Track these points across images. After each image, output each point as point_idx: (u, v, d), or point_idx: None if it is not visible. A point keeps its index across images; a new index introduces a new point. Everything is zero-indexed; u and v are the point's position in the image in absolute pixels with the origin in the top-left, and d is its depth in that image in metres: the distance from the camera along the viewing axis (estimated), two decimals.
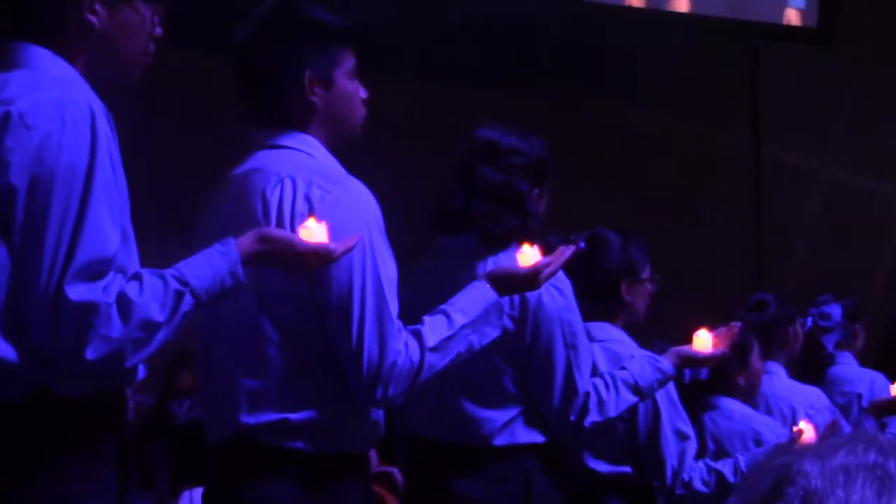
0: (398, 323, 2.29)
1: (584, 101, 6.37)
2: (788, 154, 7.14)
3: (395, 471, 3.96)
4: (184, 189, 3.55)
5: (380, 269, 2.27)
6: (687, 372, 3.60)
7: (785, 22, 6.52)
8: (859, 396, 4.65)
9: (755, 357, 3.83)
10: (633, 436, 3.27)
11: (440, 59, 5.99)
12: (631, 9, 6.31)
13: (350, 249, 2.17)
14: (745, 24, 6.54)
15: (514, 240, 2.77)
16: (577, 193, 6.01)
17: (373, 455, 3.86)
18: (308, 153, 2.36)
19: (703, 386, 3.73)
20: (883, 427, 4.05)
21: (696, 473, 3.29)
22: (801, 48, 6.91)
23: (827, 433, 3.36)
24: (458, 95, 5.82)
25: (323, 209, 2.25)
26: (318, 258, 2.14)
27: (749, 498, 0.95)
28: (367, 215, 2.30)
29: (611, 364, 3.12)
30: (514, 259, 2.58)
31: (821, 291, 4.95)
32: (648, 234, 3.43)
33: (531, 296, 2.73)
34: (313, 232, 2.16)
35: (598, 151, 6.40)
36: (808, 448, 0.95)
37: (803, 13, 6.56)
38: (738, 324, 3.07)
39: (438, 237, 2.90)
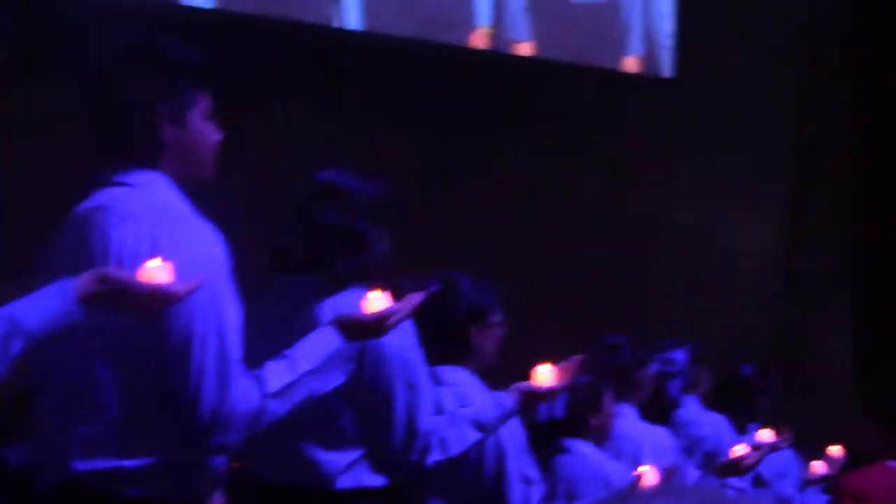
0: (240, 368, 2.26)
1: (450, 138, 6.42)
2: (644, 196, 7.30)
3: None
4: (27, 226, 3.45)
5: (223, 313, 2.24)
6: (542, 412, 3.63)
7: (624, 69, 6.70)
8: (702, 439, 4.77)
9: (607, 400, 3.89)
10: (479, 480, 3.28)
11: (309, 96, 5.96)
12: (493, 53, 6.40)
13: (192, 291, 2.13)
14: (598, 70, 6.70)
15: (355, 280, 2.77)
16: (437, 232, 6.05)
17: (220, 500, 3.78)
18: (155, 192, 2.31)
19: (556, 428, 3.77)
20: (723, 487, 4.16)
21: None
22: (654, 94, 7.09)
23: (667, 475, 3.42)
24: (323, 130, 5.79)
25: (167, 250, 2.20)
26: (158, 300, 2.10)
27: None
28: (213, 256, 2.26)
29: (458, 407, 3.13)
30: (355, 300, 2.57)
31: (673, 335, 5.07)
32: (505, 275, 3.45)
33: (373, 339, 2.72)
34: (154, 273, 2.11)
35: (461, 191, 6.44)
36: (617, 497, 0.97)
37: (643, 61, 6.74)
38: (579, 357, 3.10)
39: (278, 277, 2.88)
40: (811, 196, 8.06)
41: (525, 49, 6.43)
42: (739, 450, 4.16)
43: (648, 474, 3.29)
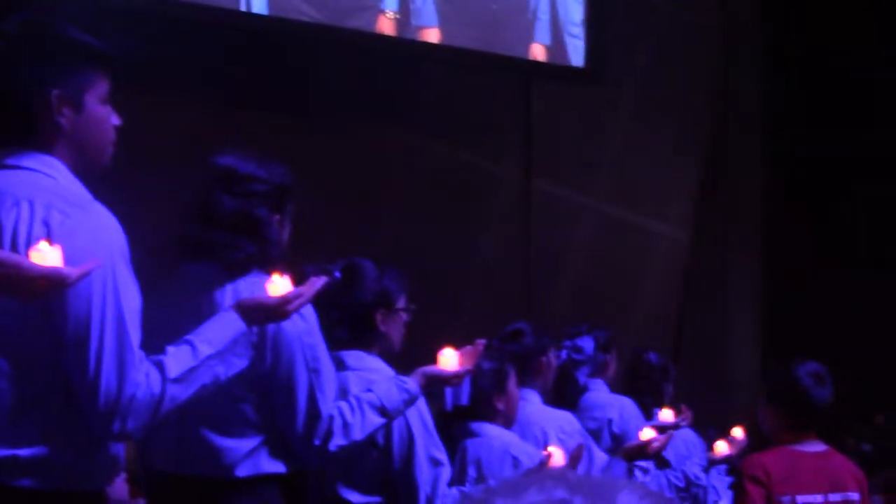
0: (139, 353, 2.23)
1: (359, 128, 6.39)
2: (558, 186, 7.35)
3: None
4: None
5: (121, 298, 2.20)
6: (448, 398, 3.65)
7: (531, 57, 6.71)
8: (609, 422, 4.83)
9: (512, 383, 3.92)
10: (388, 463, 3.28)
11: (214, 82, 5.89)
12: (404, 41, 6.38)
13: (86, 275, 2.09)
14: (515, 61, 6.72)
15: (255, 267, 2.75)
16: (348, 220, 6.02)
17: (123, 488, 3.73)
18: (50, 176, 2.27)
19: (464, 412, 3.79)
20: (631, 469, 4.21)
21: (450, 500, 3.32)
22: (569, 85, 7.13)
23: (574, 456, 3.46)
24: (230, 119, 5.72)
25: (61, 234, 2.17)
26: (49, 283, 2.06)
27: None
28: (110, 242, 2.22)
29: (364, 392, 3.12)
30: (256, 286, 2.55)
31: (587, 320, 5.12)
32: (420, 262, 3.45)
33: (274, 324, 2.69)
34: (45, 255, 2.07)
35: (370, 179, 6.42)
36: (503, 486, 0.97)
37: (549, 49, 6.77)
38: (483, 341, 3.13)
39: (180, 264, 2.84)
40: (721, 184, 8.19)
41: (432, 35, 6.42)
42: (647, 434, 4.22)
43: (556, 455, 3.32)
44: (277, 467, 2.77)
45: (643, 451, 4.20)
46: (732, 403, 7.13)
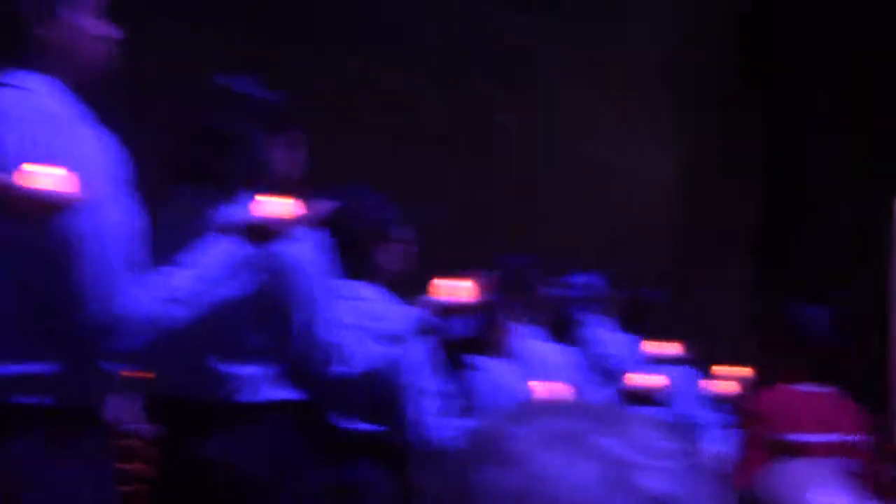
0: (134, 274, 2.19)
1: (344, 58, 6.30)
2: (540, 126, 7.28)
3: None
4: None
5: (109, 217, 2.16)
6: (450, 330, 3.62)
7: None
8: (608, 358, 4.83)
9: (508, 317, 3.90)
10: (382, 393, 3.26)
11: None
12: None
13: (80, 197, 2.05)
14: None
15: (251, 187, 2.70)
16: (336, 150, 5.96)
17: (128, 410, 3.73)
18: (41, 94, 2.22)
19: (462, 345, 3.77)
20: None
21: (446, 431, 3.31)
22: (547, 23, 7.02)
23: (574, 392, 3.45)
24: (214, 40, 5.62)
25: (53, 153, 2.12)
26: (43, 204, 2.02)
27: (458, 460, 0.94)
28: (103, 161, 2.18)
29: (365, 321, 3.10)
30: (253, 207, 2.52)
31: (578, 260, 5.09)
32: (412, 201, 3.41)
33: (273, 247, 2.65)
34: (35, 177, 2.03)
35: (354, 109, 6.35)
36: (517, 412, 0.94)
37: None
38: (494, 274, 3.10)
39: (175, 186, 2.81)
40: (709, 126, 8.13)
41: None
42: (645, 379, 4.20)
43: (557, 389, 3.31)
44: (281, 394, 2.75)
45: (638, 396, 4.19)
46: (727, 345, 7.13)
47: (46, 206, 2.04)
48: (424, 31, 6.56)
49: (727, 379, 4.73)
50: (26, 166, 2.06)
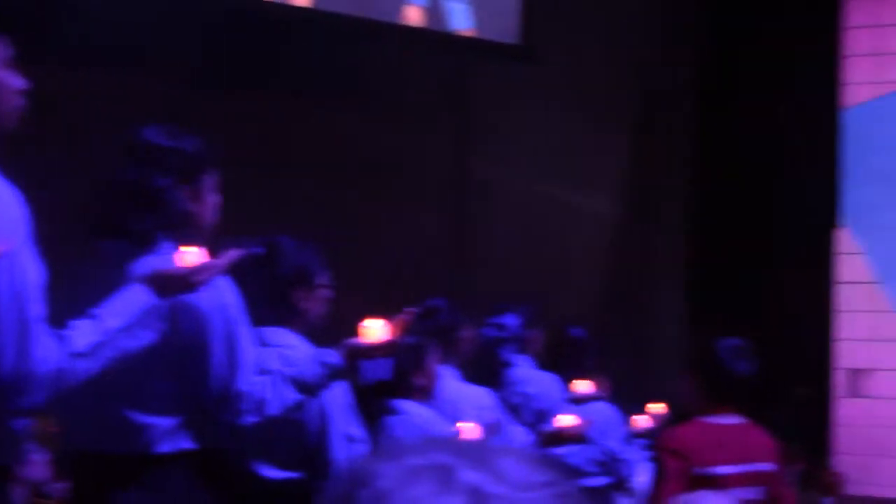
0: (42, 328, 2.21)
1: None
2: (491, 164, 7.35)
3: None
4: None
5: (21, 273, 2.18)
6: (368, 374, 3.63)
7: (403, 21, 6.57)
8: (532, 397, 4.88)
9: (431, 359, 3.93)
10: (302, 439, 3.28)
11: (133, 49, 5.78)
12: (332, 15, 6.29)
13: None
14: (448, 36, 6.65)
15: (164, 239, 2.72)
16: (278, 196, 5.97)
17: (46, 470, 3.70)
18: None
19: (383, 389, 3.79)
20: None
21: None
22: (496, 60, 7.12)
23: (489, 432, 3.48)
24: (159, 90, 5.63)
25: None
26: None
27: (329, 499, 0.97)
28: (11, 216, 2.20)
29: (285, 367, 3.10)
30: (168, 260, 2.53)
31: (511, 297, 5.14)
32: (348, 239, 3.43)
33: (187, 296, 2.67)
34: None
35: (301, 154, 6.36)
36: (385, 451, 0.98)
37: (426, 12, 6.62)
38: (406, 315, 3.08)
39: (94, 240, 2.82)
40: (648, 164, 8.25)
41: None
42: (565, 420, 4.24)
43: (471, 431, 3.34)
44: (197, 444, 2.75)
45: (561, 437, 4.23)
46: (658, 379, 7.21)
47: None
48: (352, 68, 6.61)
49: (653, 414, 4.80)
50: None
